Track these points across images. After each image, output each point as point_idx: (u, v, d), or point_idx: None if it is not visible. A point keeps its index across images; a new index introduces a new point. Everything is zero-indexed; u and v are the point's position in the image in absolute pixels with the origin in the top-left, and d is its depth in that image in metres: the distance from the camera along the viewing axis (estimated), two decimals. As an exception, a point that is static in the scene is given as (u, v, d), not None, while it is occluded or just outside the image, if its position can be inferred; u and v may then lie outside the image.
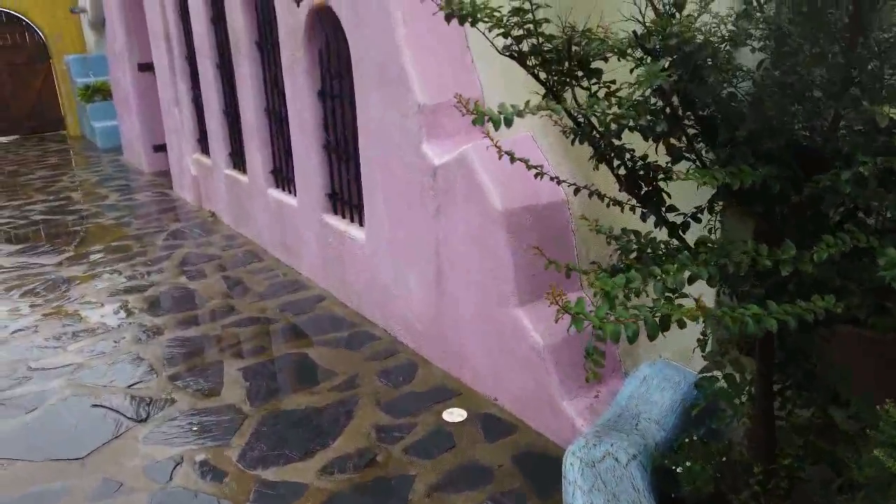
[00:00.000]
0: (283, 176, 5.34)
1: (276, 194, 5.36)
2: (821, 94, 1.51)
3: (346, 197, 4.46)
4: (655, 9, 1.83)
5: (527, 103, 1.80)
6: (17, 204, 7.76)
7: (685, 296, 1.57)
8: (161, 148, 9.06)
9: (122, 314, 4.53)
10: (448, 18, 1.97)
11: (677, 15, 1.81)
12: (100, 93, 11.51)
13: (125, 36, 8.73)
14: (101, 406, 3.37)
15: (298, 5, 4.02)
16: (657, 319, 1.40)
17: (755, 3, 1.80)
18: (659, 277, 1.49)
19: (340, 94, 4.24)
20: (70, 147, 11.76)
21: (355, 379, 3.54)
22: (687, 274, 1.53)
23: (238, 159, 6.17)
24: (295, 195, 5.07)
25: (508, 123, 1.73)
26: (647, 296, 1.50)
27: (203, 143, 7.01)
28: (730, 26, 1.80)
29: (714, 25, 1.77)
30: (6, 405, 3.42)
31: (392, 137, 3.57)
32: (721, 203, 1.96)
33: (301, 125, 4.60)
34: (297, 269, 5.19)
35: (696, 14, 1.79)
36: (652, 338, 1.40)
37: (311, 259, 4.91)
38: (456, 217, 3.22)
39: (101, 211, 7.29)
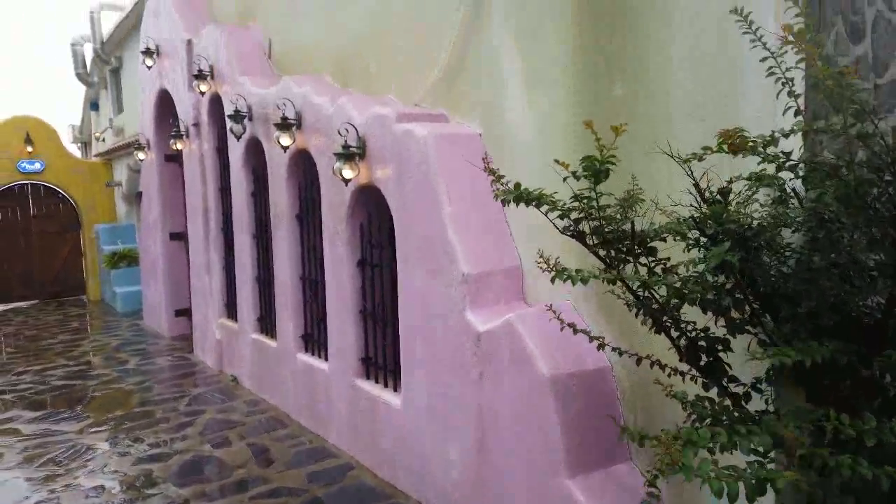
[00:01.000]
0: (314, 340, 5.44)
1: (306, 359, 5.42)
2: (876, 274, 1.66)
3: (380, 362, 4.53)
4: (704, 197, 2.05)
5: (601, 270, 1.96)
6: (37, 369, 7.78)
7: (764, 458, 1.60)
8: (182, 312, 9.26)
9: (147, 485, 4.39)
10: (515, 202, 2.20)
11: (724, 201, 2.03)
12: (125, 259, 11.97)
13: (160, 208, 9.29)
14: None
15: (347, 185, 4.37)
16: (754, 482, 1.44)
17: (790, 191, 2.02)
18: (745, 437, 1.54)
19: (380, 263, 4.48)
20: (90, 311, 11.98)
21: (395, 556, 3.37)
22: (767, 439, 1.58)
23: (266, 324, 6.31)
24: (326, 360, 5.13)
25: (585, 282, 1.89)
26: (715, 455, 1.54)
27: (231, 308, 7.19)
28: (772, 211, 2.01)
29: (761, 211, 1.97)
30: (27, 587, 3.23)
31: (434, 305, 3.72)
32: (779, 374, 2.05)
33: (338, 292, 4.79)
34: (323, 436, 5.11)
35: (742, 200, 2.01)
36: (751, 500, 1.43)
37: (340, 425, 4.86)
38: (500, 383, 3.27)
39: (122, 376, 7.29)
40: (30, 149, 12.63)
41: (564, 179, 2.06)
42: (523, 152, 3.63)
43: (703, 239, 1.97)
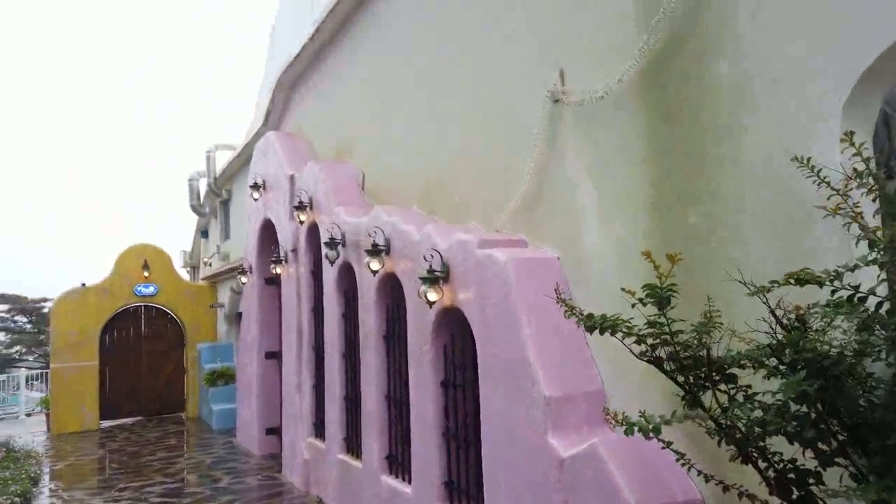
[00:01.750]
0: (398, 462, 5.46)
1: (390, 481, 5.42)
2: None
3: (463, 486, 4.48)
4: (781, 323, 2.06)
5: (674, 413, 1.97)
6: (137, 486, 8.11)
7: None
8: (273, 431, 9.51)
9: None
10: (589, 330, 2.28)
11: (803, 328, 2.03)
12: (223, 377, 12.56)
13: (258, 327, 9.85)
14: None
15: (431, 307, 4.58)
16: None
17: (872, 317, 2.00)
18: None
19: (463, 384, 4.55)
20: (187, 428, 12.49)
21: None
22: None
23: (352, 444, 6.40)
24: (409, 483, 5.11)
25: (657, 432, 1.89)
26: None
27: (319, 428, 7.36)
28: (855, 338, 1.98)
29: (842, 339, 1.96)
30: None
31: (516, 428, 3.72)
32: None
33: (422, 413, 4.86)
34: (406, 564, 4.99)
35: (822, 328, 2.00)
36: None
37: (423, 553, 4.75)
38: (587, 513, 3.17)
39: (215, 494, 7.47)
40: (146, 274, 13.87)
41: (633, 306, 2.14)
42: (601, 277, 3.73)
43: (781, 367, 1.96)
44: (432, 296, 4.53)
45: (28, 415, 15.46)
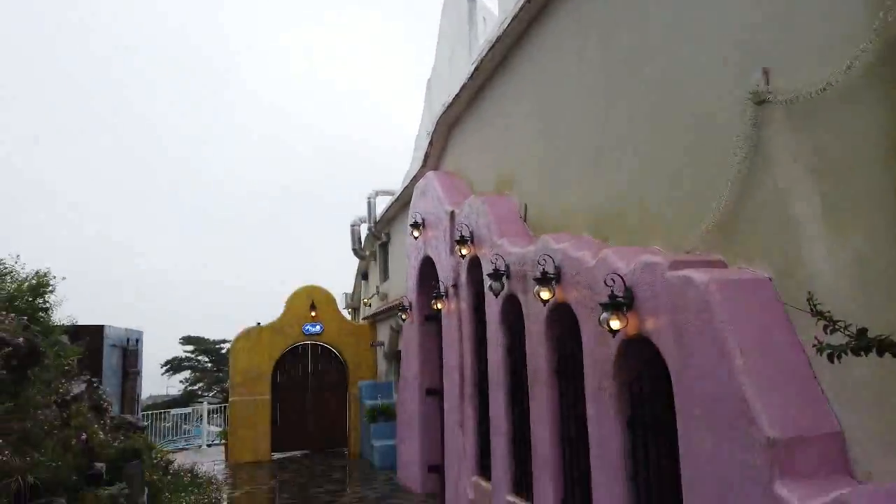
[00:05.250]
0: (575, 508, 5.05)
1: (567, 528, 5.01)
2: None
3: (658, 539, 3.98)
4: None
5: None
6: (307, 516, 8.30)
7: None
8: (434, 469, 9.38)
9: None
10: (855, 352, 1.84)
11: None
12: (383, 414, 12.76)
13: (418, 365, 9.89)
14: None
15: (613, 336, 4.21)
16: None
17: None
18: None
19: (653, 423, 4.10)
20: (349, 464, 12.77)
21: None
22: None
23: (521, 485, 6.06)
24: (591, 531, 4.68)
25: None
26: None
27: (484, 467, 7.10)
28: None
29: None
30: None
31: (729, 475, 3.22)
32: None
33: (603, 454, 4.44)
34: None
35: None
36: None
37: None
38: (836, 581, 2.60)
39: (380, 530, 7.42)
40: (313, 314, 14.63)
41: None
42: (830, 299, 3.16)
43: None
44: (615, 324, 4.16)
45: (209, 445, 16.71)
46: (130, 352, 11.87)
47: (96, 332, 10.06)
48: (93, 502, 5.47)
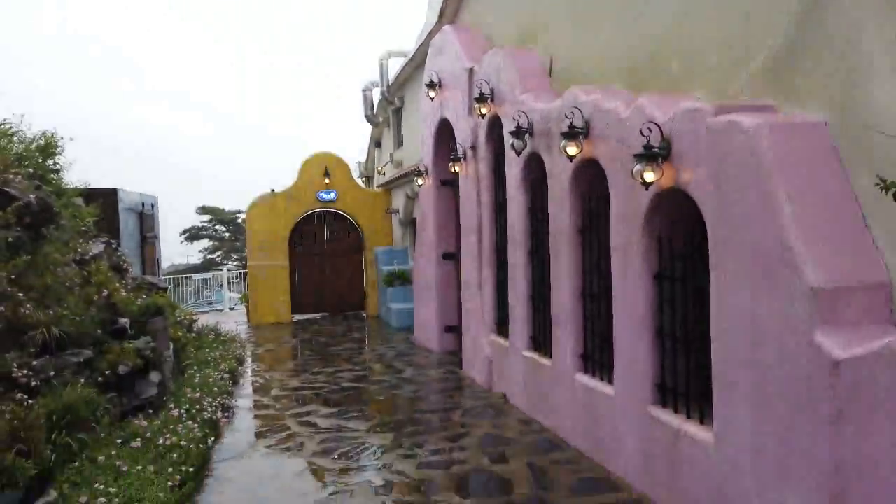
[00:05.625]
0: (595, 361, 5.08)
1: (586, 380, 5.08)
2: None
3: (681, 389, 3.99)
4: None
5: None
6: (329, 371, 8.61)
7: None
8: (451, 329, 9.59)
9: (431, 490, 4.40)
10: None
11: None
12: (399, 279, 12.95)
13: (434, 229, 9.82)
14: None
15: (647, 189, 3.99)
16: None
17: None
18: None
19: (683, 277, 3.98)
20: (368, 325, 13.15)
21: None
22: None
23: (540, 342, 6.13)
24: (610, 383, 4.73)
25: None
26: None
27: (501, 326, 7.19)
28: None
29: None
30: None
31: (765, 326, 3.12)
32: None
33: (628, 309, 4.38)
34: (605, 465, 4.69)
35: None
36: None
37: (627, 456, 4.40)
38: (873, 428, 2.56)
39: (400, 384, 7.69)
40: (327, 180, 14.45)
41: None
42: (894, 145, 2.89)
43: None
44: (649, 176, 3.93)
45: (231, 309, 17.25)
46: (146, 216, 11.88)
47: (110, 194, 9.98)
48: (118, 354, 5.61)
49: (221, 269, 21.40)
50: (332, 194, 14.57)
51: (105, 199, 9.31)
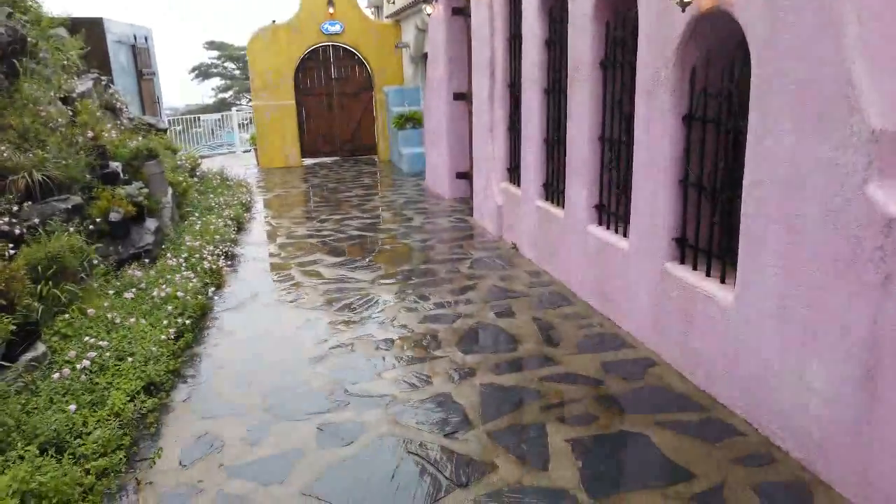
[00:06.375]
0: (610, 212, 4.71)
1: (599, 232, 4.74)
2: None
3: (702, 245, 3.63)
4: None
5: None
6: (337, 218, 8.38)
7: None
8: (462, 175, 9.19)
9: (433, 345, 4.26)
10: None
11: None
12: (411, 121, 12.32)
13: (445, 67, 9.05)
14: (417, 455, 3.00)
15: (684, 10, 3.33)
16: None
17: None
18: None
19: (716, 119, 3.46)
20: (379, 170, 12.77)
21: (721, 489, 2.67)
22: None
23: (553, 191, 5.73)
24: (625, 235, 4.39)
25: None
26: None
27: (513, 173, 6.76)
28: None
29: None
30: (325, 431, 3.25)
31: (809, 175, 2.67)
32: None
33: (651, 156, 3.91)
34: (615, 321, 4.49)
35: None
36: None
37: (638, 312, 4.17)
38: (925, 296, 2.19)
39: (408, 232, 7.46)
40: (331, 10, 13.32)
41: None
42: None
43: None
44: (688, -6, 3.26)
45: (245, 151, 16.86)
46: (140, 50, 11.14)
47: (95, 24, 9.21)
48: (109, 200, 5.33)
49: (231, 111, 20.72)
50: (338, 26, 13.51)
51: (89, 30, 8.58)
